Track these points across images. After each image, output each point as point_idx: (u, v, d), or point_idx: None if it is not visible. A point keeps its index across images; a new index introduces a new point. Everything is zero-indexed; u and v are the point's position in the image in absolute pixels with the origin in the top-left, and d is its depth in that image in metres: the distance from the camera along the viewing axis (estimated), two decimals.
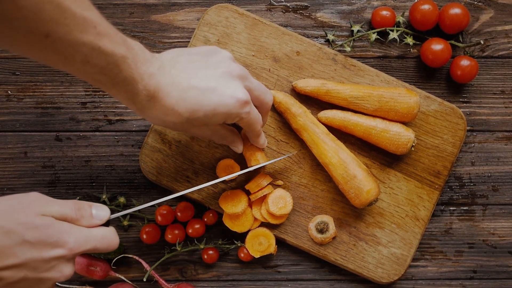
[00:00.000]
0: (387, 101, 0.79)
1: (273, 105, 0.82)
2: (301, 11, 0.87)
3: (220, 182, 0.83)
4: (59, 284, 0.84)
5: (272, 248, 0.82)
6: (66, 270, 0.59)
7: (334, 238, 0.83)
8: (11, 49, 0.56)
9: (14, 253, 0.55)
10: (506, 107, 0.87)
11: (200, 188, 0.83)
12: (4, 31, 0.52)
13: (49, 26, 0.52)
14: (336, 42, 0.86)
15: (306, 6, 0.87)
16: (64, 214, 0.59)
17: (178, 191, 0.83)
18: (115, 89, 0.61)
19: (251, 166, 0.79)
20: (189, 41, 0.85)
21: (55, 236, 0.57)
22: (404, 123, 0.81)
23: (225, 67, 0.67)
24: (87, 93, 0.85)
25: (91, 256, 0.82)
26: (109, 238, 0.62)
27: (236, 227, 0.82)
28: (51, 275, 0.58)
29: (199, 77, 0.65)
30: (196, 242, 0.84)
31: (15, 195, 0.58)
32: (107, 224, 0.64)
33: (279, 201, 0.81)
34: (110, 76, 0.59)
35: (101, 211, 0.63)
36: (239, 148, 0.77)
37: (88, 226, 0.61)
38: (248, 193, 0.82)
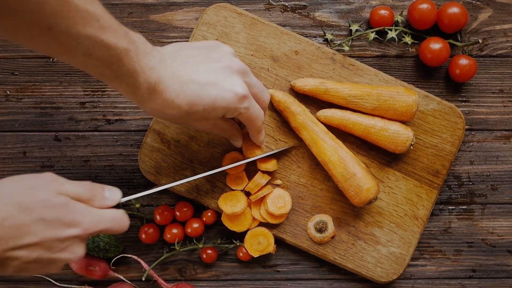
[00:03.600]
0: (386, 99, 0.79)
1: (272, 104, 0.82)
2: (299, 11, 0.87)
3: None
4: (59, 284, 0.84)
5: (271, 247, 0.82)
6: (79, 251, 0.59)
7: (333, 237, 0.83)
8: (14, 40, 0.56)
9: (32, 231, 0.54)
10: (504, 106, 0.87)
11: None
12: (7, 22, 0.52)
13: (52, 19, 0.53)
14: (335, 42, 0.86)
15: (305, 5, 0.87)
16: (79, 194, 0.59)
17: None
18: (117, 82, 0.61)
19: (249, 158, 0.79)
20: (187, 41, 0.85)
21: (70, 215, 0.57)
22: (403, 122, 0.81)
23: (225, 61, 0.68)
24: (86, 93, 0.86)
25: (90, 255, 0.82)
26: (120, 219, 0.63)
27: (235, 226, 0.82)
28: (64, 256, 0.58)
29: (200, 71, 0.66)
30: (195, 241, 0.84)
31: (29, 174, 0.58)
32: (117, 207, 0.65)
33: (278, 201, 0.81)
34: (112, 69, 0.59)
35: (114, 193, 0.64)
36: (238, 142, 0.77)
37: (100, 207, 0.62)
38: (247, 193, 0.82)
